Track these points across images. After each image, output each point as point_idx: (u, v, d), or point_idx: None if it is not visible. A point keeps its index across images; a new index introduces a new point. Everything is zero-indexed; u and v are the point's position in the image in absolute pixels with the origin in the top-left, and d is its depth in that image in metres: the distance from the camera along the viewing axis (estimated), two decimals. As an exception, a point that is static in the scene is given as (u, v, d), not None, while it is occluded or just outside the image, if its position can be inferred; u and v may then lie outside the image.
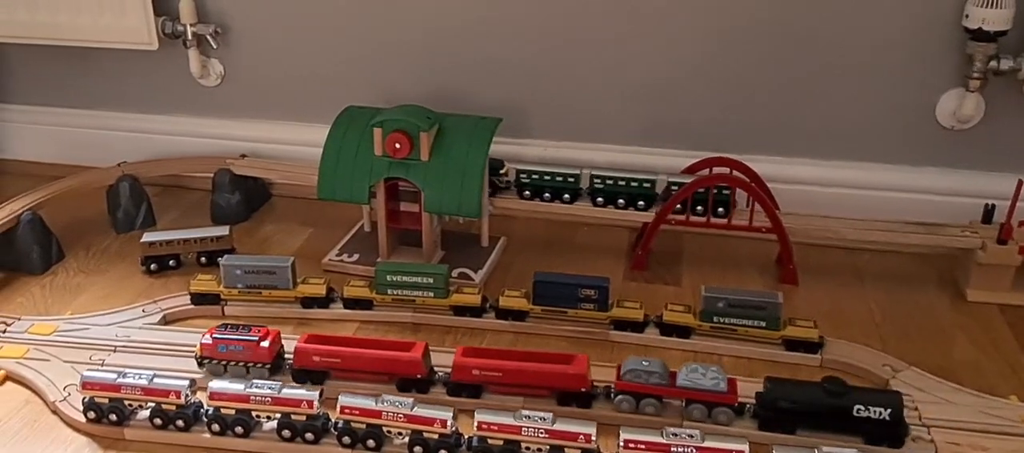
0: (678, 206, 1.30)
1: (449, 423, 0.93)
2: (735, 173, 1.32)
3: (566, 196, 1.36)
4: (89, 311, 1.23)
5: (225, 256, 1.24)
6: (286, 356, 1.08)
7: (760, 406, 0.98)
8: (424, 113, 1.27)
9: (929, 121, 1.36)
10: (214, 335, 1.07)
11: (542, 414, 0.92)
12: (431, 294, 1.20)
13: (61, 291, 1.31)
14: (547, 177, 1.36)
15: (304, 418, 0.96)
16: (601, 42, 1.42)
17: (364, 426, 0.95)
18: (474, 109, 1.39)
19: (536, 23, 1.43)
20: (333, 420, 0.97)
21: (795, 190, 1.39)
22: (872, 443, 0.95)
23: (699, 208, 1.31)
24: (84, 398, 0.99)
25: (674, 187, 1.31)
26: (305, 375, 1.05)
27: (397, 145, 1.25)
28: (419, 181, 1.26)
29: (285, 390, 0.96)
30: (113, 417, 0.99)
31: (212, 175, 1.52)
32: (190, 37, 1.54)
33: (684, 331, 1.15)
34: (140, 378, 0.98)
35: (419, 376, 1.04)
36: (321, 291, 1.22)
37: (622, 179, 1.34)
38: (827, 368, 1.11)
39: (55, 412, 1.03)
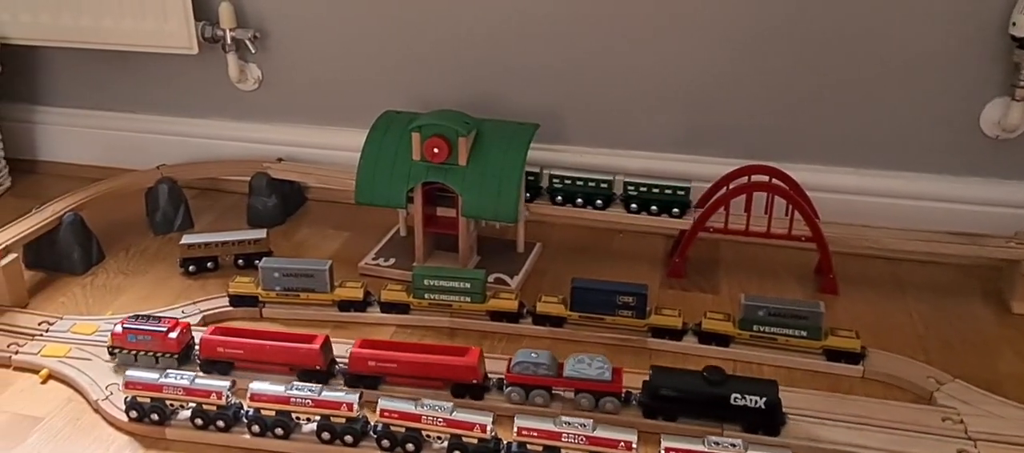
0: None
1: (488, 428, 0.93)
2: (774, 181, 1.30)
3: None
4: (129, 311, 1.24)
5: (263, 259, 1.25)
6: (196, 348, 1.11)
7: (644, 395, 1.00)
8: (462, 118, 1.27)
9: (973, 130, 1.34)
10: (124, 325, 1.09)
11: (582, 420, 0.92)
12: (468, 299, 1.20)
13: (102, 291, 1.33)
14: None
15: (344, 421, 0.96)
16: (638, 48, 1.41)
17: (403, 430, 0.95)
18: (509, 115, 1.39)
19: (572, 28, 1.42)
20: (372, 423, 0.97)
21: (835, 199, 1.38)
22: (750, 430, 0.97)
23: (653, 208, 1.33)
24: (126, 397, 1.00)
25: (631, 188, 1.34)
26: (211, 365, 1.08)
27: (435, 150, 1.25)
28: (457, 186, 1.26)
29: (325, 392, 0.96)
30: (155, 416, 0.99)
31: (249, 179, 1.53)
32: (229, 41, 1.55)
33: (723, 339, 1.14)
34: (182, 378, 0.99)
35: (318, 368, 1.06)
36: (358, 295, 1.22)
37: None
38: (870, 379, 1.10)
39: (97, 410, 1.04)
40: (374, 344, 1.06)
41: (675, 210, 1.33)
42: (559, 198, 1.37)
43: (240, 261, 1.37)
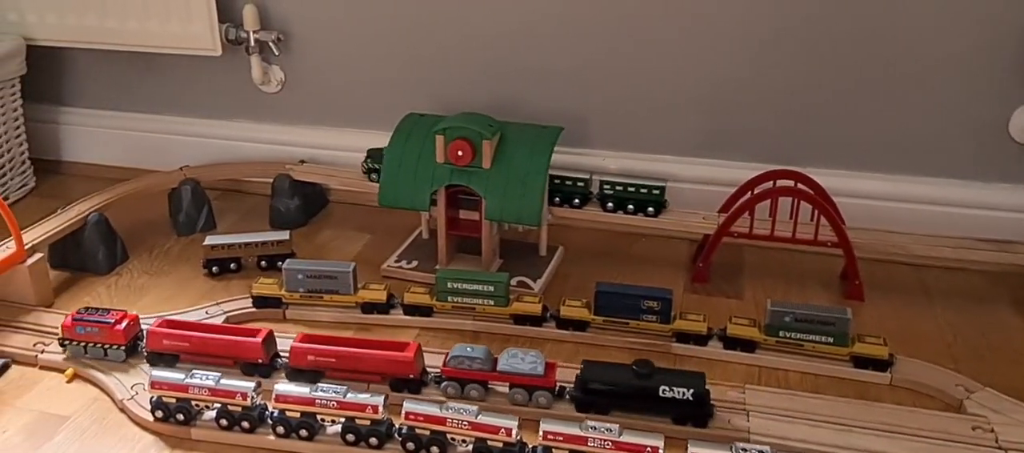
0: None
1: (514, 432, 0.93)
2: (800, 186, 1.29)
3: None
4: (153, 312, 1.25)
5: (286, 260, 1.25)
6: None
7: (576, 388, 1.01)
8: (486, 121, 1.27)
9: (1002, 135, 1.32)
10: (74, 317, 1.10)
11: (609, 425, 0.91)
12: (491, 302, 1.19)
13: (126, 291, 1.33)
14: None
15: (368, 423, 0.96)
16: (662, 50, 1.41)
17: (428, 432, 0.95)
18: (532, 118, 1.39)
19: (595, 31, 1.42)
20: (397, 426, 0.97)
21: (861, 204, 1.37)
22: (679, 422, 0.99)
23: (630, 206, 1.35)
24: (152, 397, 1.00)
25: (607, 187, 1.35)
26: (158, 358, 1.10)
27: (459, 152, 1.25)
28: (480, 189, 1.26)
29: (350, 395, 0.96)
30: (180, 416, 1.00)
31: (271, 180, 1.54)
32: (253, 43, 1.56)
33: (749, 345, 1.13)
34: (207, 379, 0.99)
35: (260, 361, 1.08)
36: (382, 297, 1.22)
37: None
38: (897, 387, 1.09)
39: (123, 410, 1.04)
40: (314, 339, 1.08)
41: (650, 209, 1.34)
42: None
43: (263, 262, 1.37)
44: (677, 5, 1.37)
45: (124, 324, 1.11)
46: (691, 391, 0.98)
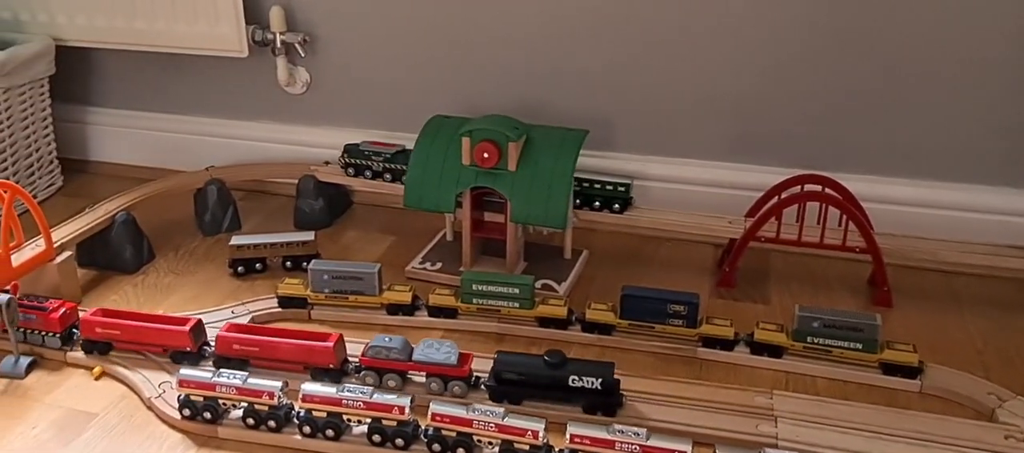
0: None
1: (540, 434, 0.92)
2: (827, 191, 1.28)
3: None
4: (179, 311, 1.25)
5: (312, 261, 1.25)
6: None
7: (490, 378, 1.03)
8: (512, 123, 1.27)
9: (1034, 142, 1.31)
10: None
11: (636, 429, 0.91)
12: (516, 305, 1.19)
13: (152, 290, 1.34)
14: None
15: (395, 423, 0.96)
16: (688, 54, 1.40)
17: (454, 434, 0.95)
18: (557, 120, 1.39)
19: (621, 34, 1.42)
20: (423, 427, 0.97)
21: (889, 210, 1.35)
22: (589, 411, 1.01)
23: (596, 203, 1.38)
24: (179, 395, 1.01)
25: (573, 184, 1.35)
26: (92, 345, 1.13)
27: (485, 155, 1.25)
28: (506, 191, 1.26)
29: (376, 395, 0.96)
30: (207, 415, 1.00)
31: (296, 181, 1.54)
32: (279, 45, 1.57)
33: (776, 351, 1.12)
34: (234, 378, 0.99)
35: (188, 349, 1.10)
36: (407, 298, 1.22)
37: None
38: (928, 395, 1.07)
39: (150, 408, 1.05)
40: (239, 328, 1.11)
41: (616, 205, 1.37)
42: None
43: (288, 263, 1.37)
44: (703, 8, 1.37)
45: (61, 312, 1.13)
46: (600, 380, 1.00)
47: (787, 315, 1.23)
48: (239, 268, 1.37)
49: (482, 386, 1.05)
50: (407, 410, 0.95)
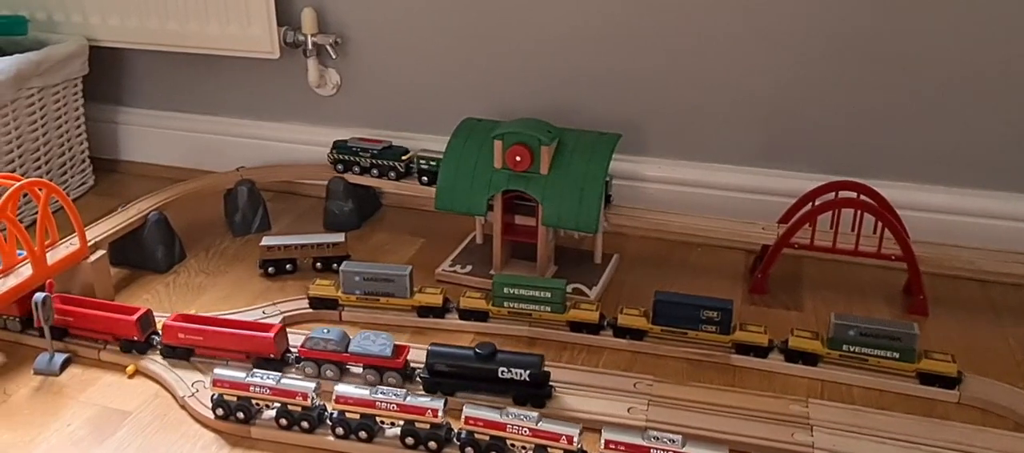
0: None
1: (575, 439, 0.92)
2: (862, 197, 1.27)
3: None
4: (211, 311, 1.26)
5: (344, 262, 1.26)
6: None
7: (424, 370, 1.05)
8: (545, 127, 1.27)
9: (1074, 150, 1.29)
10: None
11: (671, 435, 0.90)
12: (548, 309, 1.19)
13: (184, 290, 1.35)
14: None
15: (428, 426, 0.96)
16: (720, 59, 1.39)
17: (488, 438, 0.94)
18: (588, 124, 1.38)
19: (655, 40, 1.41)
20: (456, 430, 0.96)
21: (925, 217, 1.34)
22: (519, 402, 1.03)
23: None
24: (213, 395, 1.01)
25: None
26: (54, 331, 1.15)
27: (517, 158, 1.24)
28: (538, 194, 1.25)
29: (410, 398, 0.96)
30: (240, 415, 1.00)
31: (326, 183, 1.54)
32: (310, 47, 1.57)
33: (811, 358, 1.11)
34: (268, 378, 0.99)
35: (136, 338, 1.13)
36: (437, 301, 1.22)
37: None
38: (966, 405, 1.06)
39: (183, 407, 1.05)
40: (185, 318, 1.13)
41: None
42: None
43: (318, 264, 1.37)
44: (738, 12, 1.36)
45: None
46: (528, 372, 1.02)
47: (821, 323, 1.22)
48: (269, 269, 1.37)
49: (417, 378, 1.07)
50: (440, 413, 0.95)
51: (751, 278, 1.33)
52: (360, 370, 1.08)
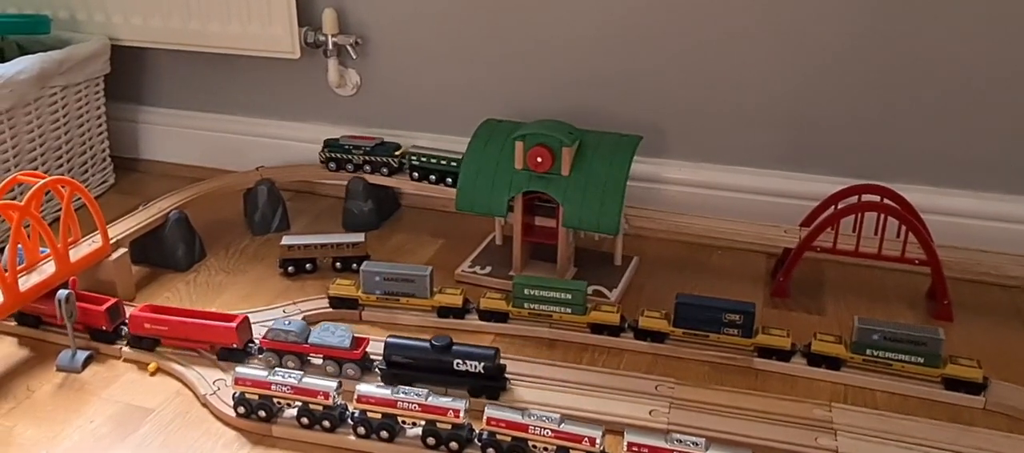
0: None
1: (598, 441, 0.91)
2: (886, 201, 1.26)
3: (449, 180, 1.46)
4: (231, 309, 1.26)
5: (364, 262, 1.26)
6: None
7: (382, 361, 1.07)
8: (566, 128, 1.26)
9: (1101, 154, 1.28)
10: None
11: (694, 439, 0.89)
12: (569, 310, 1.18)
13: (204, 288, 1.35)
14: (433, 160, 1.46)
15: (449, 427, 0.95)
16: (742, 61, 1.39)
17: (510, 439, 0.94)
18: (609, 126, 1.37)
19: (676, 42, 1.41)
20: (477, 431, 0.96)
21: (949, 222, 1.33)
22: (475, 394, 1.04)
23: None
24: (234, 393, 1.01)
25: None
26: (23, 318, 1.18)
27: (539, 159, 1.24)
28: (559, 196, 1.25)
29: (431, 398, 0.96)
30: (262, 413, 1.00)
31: (345, 183, 1.55)
32: (330, 47, 1.58)
33: (834, 362, 1.10)
34: (290, 377, 0.99)
35: (104, 328, 1.15)
36: (458, 301, 1.22)
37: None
38: (992, 412, 1.05)
39: (205, 405, 1.05)
40: (152, 309, 1.15)
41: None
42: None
43: (338, 264, 1.37)
44: (760, 14, 1.35)
45: None
46: (482, 364, 1.03)
47: (843, 326, 1.21)
48: (289, 268, 1.37)
49: (375, 369, 1.09)
50: (462, 414, 0.95)
51: (772, 281, 1.33)
52: (320, 361, 1.10)
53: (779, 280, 1.30)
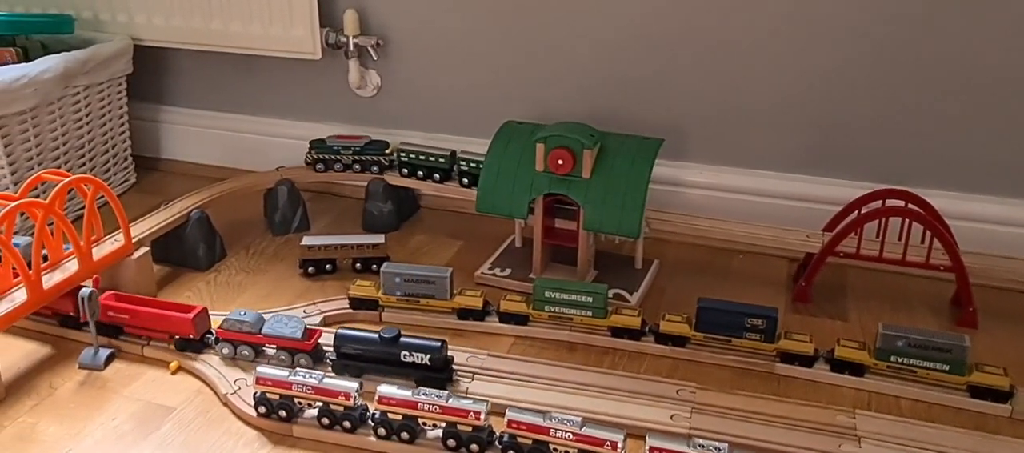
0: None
1: (619, 445, 0.91)
2: (911, 206, 1.25)
3: (436, 176, 1.48)
4: (251, 309, 1.26)
5: (384, 263, 1.26)
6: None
7: (333, 352, 1.09)
8: (587, 130, 1.26)
9: None
10: None
11: (717, 444, 0.89)
12: (589, 313, 1.18)
13: (224, 288, 1.35)
14: (421, 156, 1.48)
15: (470, 429, 0.95)
16: (764, 65, 1.38)
17: (531, 442, 0.94)
18: (630, 128, 1.37)
19: (697, 45, 1.40)
20: (498, 433, 0.96)
21: (974, 228, 1.31)
22: (422, 384, 1.03)
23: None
24: (255, 393, 1.01)
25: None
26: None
27: (560, 161, 1.24)
28: (580, 198, 1.25)
29: (452, 400, 0.96)
30: (282, 413, 1.00)
31: (365, 184, 1.55)
32: (352, 48, 1.58)
33: (858, 369, 1.09)
34: (310, 377, 0.99)
35: (71, 314, 1.18)
36: (478, 303, 1.22)
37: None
38: (1019, 421, 1.03)
39: (226, 404, 1.06)
40: (115, 296, 1.18)
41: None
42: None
43: (358, 265, 1.38)
44: (782, 18, 1.34)
45: None
46: (428, 356, 1.06)
47: (866, 332, 1.20)
48: (309, 268, 1.37)
49: (326, 360, 1.11)
50: (483, 416, 0.95)
51: (794, 286, 1.32)
52: (274, 351, 1.12)
53: (801, 285, 1.29)
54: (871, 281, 1.34)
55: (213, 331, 1.14)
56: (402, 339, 1.07)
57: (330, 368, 1.10)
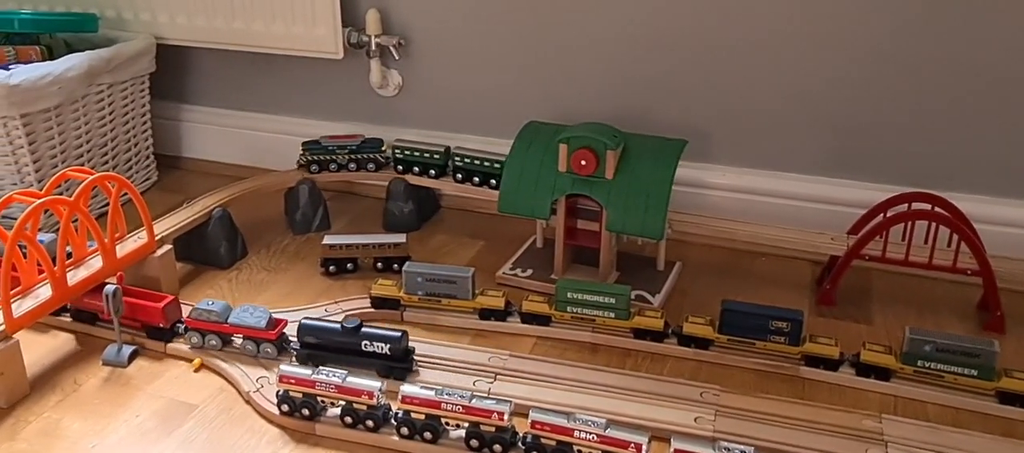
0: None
1: (644, 447, 0.90)
2: (937, 209, 1.23)
3: (432, 172, 1.50)
4: (272, 307, 1.26)
5: (406, 263, 1.26)
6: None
7: (297, 342, 1.12)
8: (610, 131, 1.25)
9: None
10: None
11: (742, 448, 0.88)
12: (612, 315, 1.17)
13: (246, 286, 1.36)
14: (416, 153, 1.49)
15: (493, 429, 0.95)
16: (790, 66, 1.37)
17: (554, 443, 0.93)
18: (652, 130, 1.36)
19: (721, 46, 1.39)
20: (521, 434, 0.95)
21: (1001, 232, 1.30)
22: (384, 374, 1.08)
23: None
24: (278, 391, 1.01)
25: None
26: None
27: (582, 162, 1.23)
28: (602, 199, 1.24)
29: (475, 400, 0.95)
30: (305, 411, 1.00)
31: (386, 183, 1.55)
32: (373, 47, 1.58)
33: (883, 373, 1.08)
34: (333, 376, 0.99)
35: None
36: (499, 304, 1.21)
37: (480, 159, 1.45)
38: (1047, 426, 1.02)
39: (248, 402, 1.06)
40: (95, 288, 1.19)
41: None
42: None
43: (379, 264, 1.38)
44: (807, 19, 1.33)
45: None
46: (388, 346, 1.07)
47: (891, 336, 1.19)
48: (330, 267, 1.37)
49: (290, 349, 1.13)
50: (506, 416, 0.94)
51: (818, 289, 1.31)
52: (240, 341, 1.14)
53: (825, 288, 1.28)
54: (895, 285, 1.33)
55: (182, 321, 1.17)
56: (363, 329, 1.09)
57: (293, 357, 1.12)
